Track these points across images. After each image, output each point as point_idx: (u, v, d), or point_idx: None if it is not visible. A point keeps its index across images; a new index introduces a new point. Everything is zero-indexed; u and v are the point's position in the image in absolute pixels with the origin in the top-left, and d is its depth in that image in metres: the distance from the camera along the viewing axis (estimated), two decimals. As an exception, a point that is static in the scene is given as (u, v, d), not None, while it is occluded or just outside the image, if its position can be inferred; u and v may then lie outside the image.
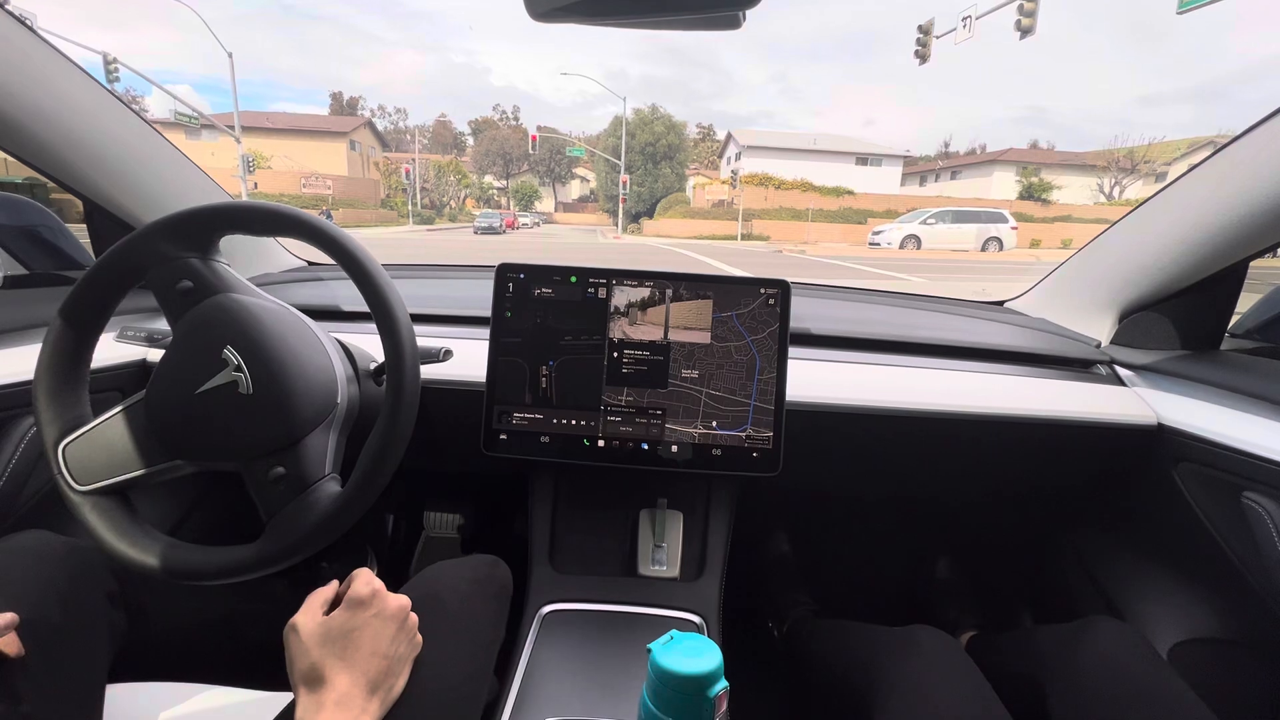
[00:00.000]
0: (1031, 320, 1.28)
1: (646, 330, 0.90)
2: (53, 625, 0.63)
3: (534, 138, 28.44)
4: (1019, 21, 12.07)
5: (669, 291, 0.90)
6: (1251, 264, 0.97)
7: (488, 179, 49.03)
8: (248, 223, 0.71)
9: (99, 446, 0.68)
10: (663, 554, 0.94)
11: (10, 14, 0.82)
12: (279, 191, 27.40)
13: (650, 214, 31.37)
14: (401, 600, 0.63)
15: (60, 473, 0.67)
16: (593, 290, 0.91)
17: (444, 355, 0.86)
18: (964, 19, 13.64)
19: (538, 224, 40.11)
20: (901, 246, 18.64)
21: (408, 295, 0.73)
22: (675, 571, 0.93)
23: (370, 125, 44.64)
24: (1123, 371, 1.10)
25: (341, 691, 0.55)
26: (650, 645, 0.52)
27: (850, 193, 27.98)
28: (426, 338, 0.79)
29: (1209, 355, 1.04)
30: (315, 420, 0.69)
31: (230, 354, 0.66)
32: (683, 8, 0.53)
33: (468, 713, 0.66)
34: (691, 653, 0.51)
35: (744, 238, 23.95)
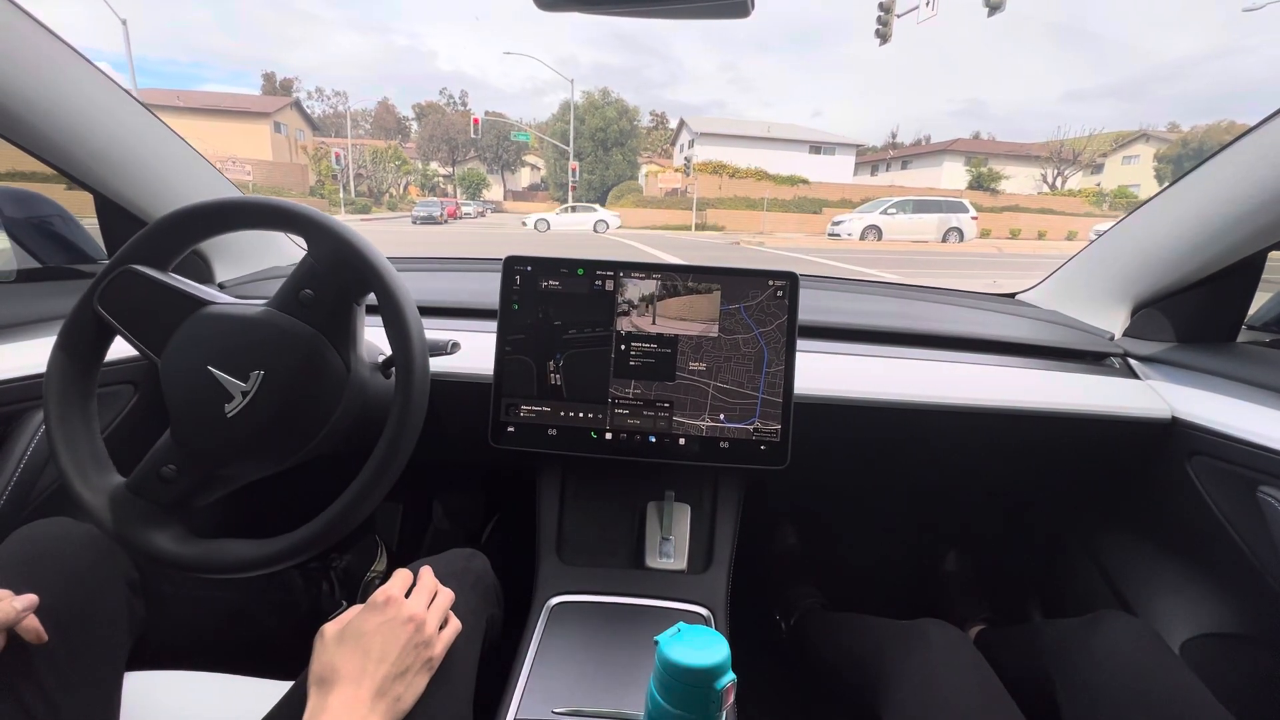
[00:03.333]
0: (1043, 313, 1.27)
1: (654, 323, 0.89)
2: (75, 611, 0.63)
3: (475, 121, 26.34)
4: (987, -4, 11.79)
5: (676, 284, 0.89)
6: (1270, 255, 0.96)
7: (433, 165, 47.38)
8: (236, 220, 0.69)
9: None
10: (670, 546, 0.94)
11: (18, 8, 0.79)
12: (189, 177, 25.45)
13: (602, 203, 30.91)
14: (414, 610, 0.62)
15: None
16: (600, 283, 0.89)
17: (451, 348, 0.84)
18: (928, -4, 13.50)
19: (483, 213, 37.72)
20: (862, 238, 18.21)
21: (413, 288, 0.71)
22: (683, 564, 0.93)
23: (297, 106, 41.47)
24: (1136, 364, 1.10)
25: (347, 694, 0.55)
26: (657, 637, 0.52)
27: (805, 181, 28.00)
28: (433, 330, 0.77)
29: (1225, 348, 1.03)
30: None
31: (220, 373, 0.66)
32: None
33: (458, 700, 0.66)
34: (699, 645, 0.51)
35: (698, 228, 23.82)
